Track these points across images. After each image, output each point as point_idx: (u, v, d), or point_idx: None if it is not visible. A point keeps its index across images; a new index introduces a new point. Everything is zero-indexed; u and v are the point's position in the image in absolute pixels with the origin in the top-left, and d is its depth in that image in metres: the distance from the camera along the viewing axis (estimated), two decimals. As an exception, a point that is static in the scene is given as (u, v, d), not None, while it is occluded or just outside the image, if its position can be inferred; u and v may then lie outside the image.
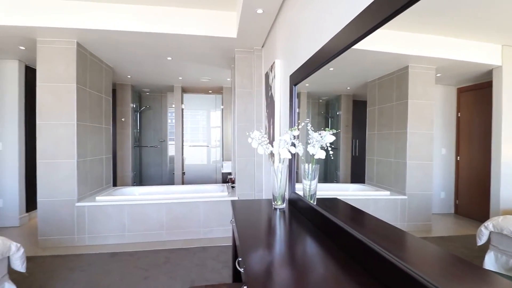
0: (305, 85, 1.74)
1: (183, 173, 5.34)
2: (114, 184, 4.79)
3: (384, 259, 0.80)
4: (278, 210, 1.67)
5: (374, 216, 1.03)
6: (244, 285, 0.94)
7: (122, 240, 2.96)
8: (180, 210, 3.06)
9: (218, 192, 3.27)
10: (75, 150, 2.92)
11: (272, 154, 1.86)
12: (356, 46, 1.01)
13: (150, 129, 6.03)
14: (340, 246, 1.07)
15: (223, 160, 5.41)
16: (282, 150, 1.60)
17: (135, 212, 2.98)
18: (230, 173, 4.43)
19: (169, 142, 5.91)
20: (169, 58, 3.64)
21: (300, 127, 1.57)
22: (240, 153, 3.15)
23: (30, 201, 3.80)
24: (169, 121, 6.00)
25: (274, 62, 2.36)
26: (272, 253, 1.08)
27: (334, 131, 1.33)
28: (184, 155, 5.45)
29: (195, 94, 5.71)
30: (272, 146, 1.69)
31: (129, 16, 2.69)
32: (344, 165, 1.37)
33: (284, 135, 1.61)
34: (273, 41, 2.56)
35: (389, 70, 0.93)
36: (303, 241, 1.21)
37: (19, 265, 1.66)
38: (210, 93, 5.82)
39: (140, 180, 5.81)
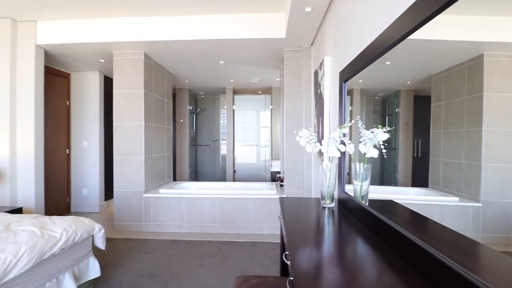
0: (358, 82, 1.68)
1: (234, 171, 5.59)
2: (174, 179, 5.28)
3: (453, 272, 0.69)
4: (326, 209, 1.65)
5: (440, 224, 0.90)
6: (291, 277, 0.98)
7: (180, 229, 3.26)
8: (232, 206, 3.22)
9: (267, 190, 3.35)
10: (143, 148, 3.33)
11: (320, 153, 1.85)
12: (415, 36, 0.93)
13: (205, 129, 6.46)
14: (396, 251, 1.00)
15: (272, 159, 5.49)
16: (331, 148, 1.58)
17: (192, 205, 3.25)
18: (278, 172, 4.48)
19: (221, 142, 6.25)
20: (221, 62, 3.86)
21: (350, 124, 1.54)
22: (288, 152, 3.18)
23: (108, 191, 4.45)
24: (221, 121, 6.34)
25: (323, 60, 2.33)
26: (319, 249, 1.09)
27: (388, 129, 1.27)
28: (235, 154, 5.70)
29: (245, 95, 5.91)
30: (321, 144, 1.69)
31: (187, 27, 2.95)
32: (403, 167, 1.27)
33: (333, 133, 1.59)
34: (322, 38, 2.53)
35: (458, 60, 0.80)
36: (353, 241, 1.19)
37: (100, 243, 1.98)
38: (259, 94, 5.96)
39: (195, 176, 6.27)
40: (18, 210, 2.67)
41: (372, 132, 1.33)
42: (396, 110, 1.33)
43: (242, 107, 5.84)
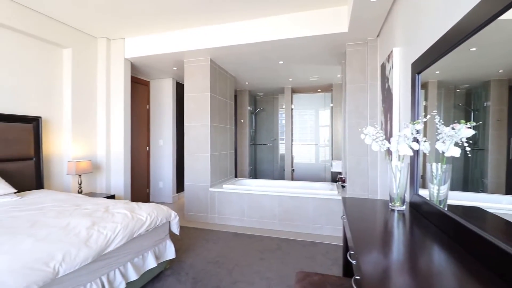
0: (434, 73, 1.50)
1: (293, 170, 5.59)
2: (235, 176, 5.57)
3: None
4: (396, 211, 1.54)
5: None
6: (357, 276, 0.95)
7: (242, 223, 3.43)
8: (291, 204, 3.24)
9: (327, 190, 3.26)
10: (209, 146, 3.62)
11: (389, 152, 1.72)
12: (509, 15, 0.81)
13: (264, 129, 6.63)
14: (485, 263, 0.87)
15: (332, 159, 5.30)
16: (402, 146, 1.46)
17: (253, 201, 3.39)
18: (339, 173, 4.31)
19: (280, 141, 6.31)
20: (280, 62, 3.91)
21: (425, 120, 1.39)
22: (351, 152, 3.03)
23: (179, 185, 4.97)
24: (280, 121, 6.40)
25: (391, 51, 2.16)
26: (389, 251, 1.03)
27: (473, 124, 1.11)
28: (293, 153, 5.69)
29: (304, 94, 5.84)
30: (389, 142, 1.57)
31: (248, 31, 3.09)
32: (494, 171, 1.06)
33: (404, 129, 1.47)
34: (390, 28, 2.34)
35: None
36: (428, 247, 1.08)
37: (175, 229, 2.24)
38: (319, 92, 5.82)
39: (255, 174, 6.49)
40: (111, 197, 3.21)
41: (453, 128, 1.19)
42: (485, 104, 1.14)
43: (300, 106, 5.79)
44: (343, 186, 3.50)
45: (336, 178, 4.46)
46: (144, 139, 4.78)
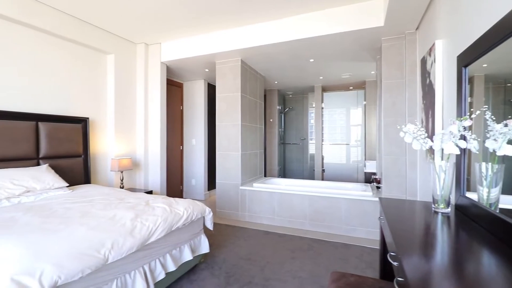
0: (482, 67, 1.39)
1: (323, 170, 5.48)
2: (265, 175, 5.60)
3: None
4: (440, 214, 1.45)
5: None
6: (400, 278, 0.91)
7: (272, 222, 3.44)
8: (322, 204, 3.19)
9: (360, 191, 3.15)
10: (240, 145, 3.68)
11: (431, 150, 1.62)
12: None
13: (293, 128, 6.58)
14: None
15: (365, 159, 5.10)
16: (447, 144, 1.37)
17: (283, 200, 3.38)
18: (374, 173, 4.13)
19: (310, 141, 6.22)
20: (311, 60, 3.86)
21: (474, 115, 1.30)
22: (387, 151, 2.90)
23: (210, 182, 5.12)
24: (309, 120, 6.31)
25: (433, 44, 2.03)
26: (434, 255, 0.98)
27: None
28: (324, 153, 5.57)
29: (335, 92, 5.69)
30: (432, 140, 1.49)
31: (278, 30, 3.09)
32: None
33: (449, 127, 1.38)
34: (432, 20, 2.19)
35: None
36: (477, 252, 1.01)
37: (209, 224, 2.32)
38: (350, 90, 5.63)
39: (284, 173, 6.46)
40: (149, 192, 3.40)
41: (506, 125, 1.09)
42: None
43: (331, 105, 5.66)
44: (377, 187, 3.35)
45: (370, 179, 4.29)
46: (178, 139, 5.00)
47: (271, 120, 5.88)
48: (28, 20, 2.59)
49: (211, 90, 5.27)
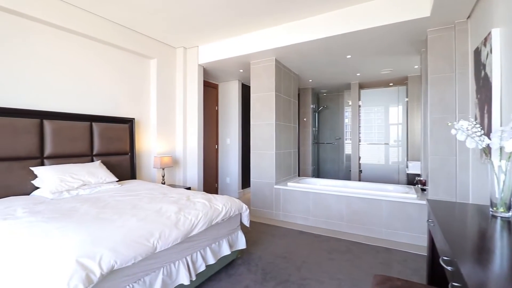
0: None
1: (360, 171, 5.26)
2: (298, 175, 5.54)
3: None
4: (499, 218, 1.31)
5: None
6: (455, 283, 0.85)
7: (306, 222, 3.40)
8: (360, 205, 3.07)
9: (402, 193, 2.97)
10: (274, 144, 3.70)
11: (488, 149, 1.48)
12: None
13: (327, 128, 6.42)
14: None
15: (407, 160, 4.80)
16: (508, 142, 1.24)
17: (318, 200, 3.32)
18: (418, 175, 3.87)
19: (346, 141, 6.01)
20: (348, 57, 3.73)
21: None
22: (434, 151, 2.70)
23: (244, 181, 5.21)
24: (345, 120, 6.10)
25: (489, 33, 1.84)
26: (494, 260, 0.90)
27: None
28: (360, 154, 5.35)
29: (373, 89, 5.44)
30: (489, 138, 1.36)
31: (313, 27, 3.05)
32: None
33: (511, 122, 1.24)
34: (487, 6, 1.99)
35: None
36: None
37: (246, 221, 2.37)
38: (390, 86, 5.34)
39: (317, 174, 6.33)
40: (188, 188, 3.56)
41: None
42: None
43: (368, 103, 5.41)
44: (422, 190, 3.13)
45: (413, 180, 4.03)
46: (213, 138, 5.17)
47: (304, 119, 5.81)
48: (83, 30, 2.87)
49: (245, 91, 5.36)
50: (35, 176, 2.39)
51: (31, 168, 2.38)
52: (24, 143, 2.38)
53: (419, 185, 3.19)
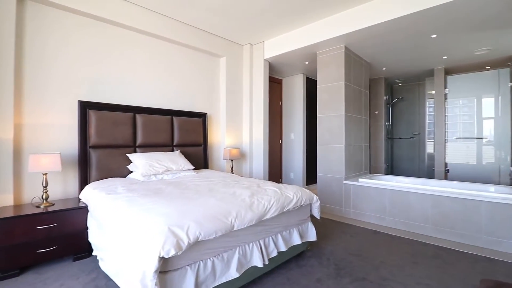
0: None
1: (446, 170, 4.54)
2: (369, 173, 5.11)
3: None
4: None
5: None
6: None
7: (382, 222, 3.09)
8: (451, 206, 2.63)
9: (509, 194, 2.43)
10: (343, 137, 3.48)
11: None
12: None
13: (402, 121, 5.76)
14: None
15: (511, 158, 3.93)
16: None
17: (396, 198, 2.99)
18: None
19: (427, 136, 5.28)
20: (433, 36, 3.25)
21: None
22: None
23: (308, 177, 5.07)
24: (426, 112, 5.37)
25: None
26: None
27: None
28: (447, 151, 4.62)
29: (463, 74, 4.63)
30: None
31: (389, 6, 2.75)
32: None
33: None
34: None
35: None
36: None
37: (316, 213, 2.27)
38: (487, 69, 4.46)
39: (391, 172, 5.74)
40: (255, 181, 3.65)
41: None
42: None
43: (458, 91, 4.62)
44: (540, 191, 2.51)
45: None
46: (277, 133, 5.19)
47: (376, 112, 5.33)
48: (167, 35, 3.22)
49: (310, 84, 5.22)
50: (130, 162, 2.77)
51: (127, 154, 2.77)
52: (121, 133, 2.79)
53: (536, 186, 2.56)
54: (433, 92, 4.83)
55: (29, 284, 1.79)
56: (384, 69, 4.73)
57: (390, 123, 5.79)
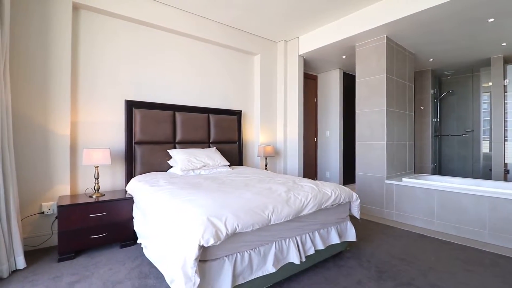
0: None
1: (507, 171, 4.04)
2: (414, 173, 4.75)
3: None
4: None
5: None
6: None
7: (429, 225, 2.84)
8: (514, 210, 2.33)
9: None
10: (385, 134, 3.27)
11: None
12: None
13: (453, 117, 5.24)
14: None
15: None
16: None
17: (446, 200, 2.72)
18: None
19: (483, 134, 4.74)
20: (490, 20, 2.91)
21: None
22: None
23: (345, 176, 4.87)
24: (481, 107, 4.82)
25: None
26: None
27: None
28: (507, 150, 4.10)
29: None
30: None
31: (443, -13, 2.51)
32: None
33: None
34: None
35: None
36: None
37: (356, 211, 2.16)
38: (561, 56, 3.86)
39: (439, 173, 5.26)
40: (289, 179, 3.59)
41: None
42: None
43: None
44: None
45: None
46: (312, 131, 5.06)
47: (422, 107, 4.92)
48: (203, 35, 3.32)
49: (347, 80, 5.00)
50: (170, 157, 2.91)
51: (168, 150, 2.91)
52: (162, 130, 2.94)
53: None
54: (490, 84, 4.32)
55: (83, 266, 1.97)
56: (431, 60, 4.36)
57: (438, 119, 5.31)
